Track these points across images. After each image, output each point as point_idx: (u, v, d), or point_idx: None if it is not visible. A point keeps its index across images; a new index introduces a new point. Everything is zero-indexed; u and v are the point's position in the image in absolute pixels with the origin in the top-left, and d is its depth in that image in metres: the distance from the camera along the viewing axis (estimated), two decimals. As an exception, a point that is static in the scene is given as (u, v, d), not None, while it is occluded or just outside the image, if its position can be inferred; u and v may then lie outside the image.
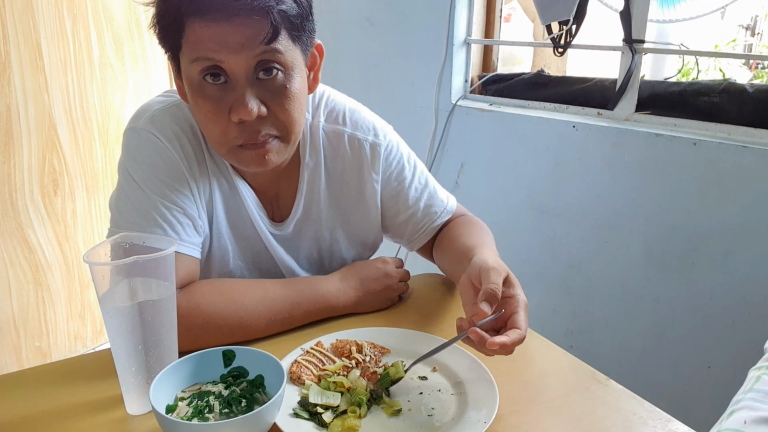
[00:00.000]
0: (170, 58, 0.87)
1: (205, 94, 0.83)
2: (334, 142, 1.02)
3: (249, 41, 0.78)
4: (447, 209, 1.10)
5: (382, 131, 1.05)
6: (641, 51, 1.70)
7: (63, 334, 2.30)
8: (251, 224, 0.99)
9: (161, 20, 0.82)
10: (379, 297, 1.02)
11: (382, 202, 1.07)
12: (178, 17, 0.79)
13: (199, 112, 0.85)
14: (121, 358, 0.73)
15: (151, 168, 0.90)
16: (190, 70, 0.82)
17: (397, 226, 1.09)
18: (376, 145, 1.03)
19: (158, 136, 0.90)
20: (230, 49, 0.78)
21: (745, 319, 1.50)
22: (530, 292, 2.13)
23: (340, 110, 1.03)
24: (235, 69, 0.80)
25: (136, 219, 0.88)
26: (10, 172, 2.03)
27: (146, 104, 0.96)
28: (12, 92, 1.99)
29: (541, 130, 1.87)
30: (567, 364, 0.89)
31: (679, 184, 1.57)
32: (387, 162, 1.04)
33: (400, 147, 1.07)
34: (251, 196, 0.98)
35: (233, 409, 0.71)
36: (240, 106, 0.81)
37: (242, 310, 0.90)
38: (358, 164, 1.03)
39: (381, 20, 2.35)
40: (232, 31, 0.77)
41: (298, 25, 0.82)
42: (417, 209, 1.07)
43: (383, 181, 1.05)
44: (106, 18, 2.25)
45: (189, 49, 0.81)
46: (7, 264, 2.07)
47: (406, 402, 0.78)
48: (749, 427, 0.53)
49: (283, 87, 0.84)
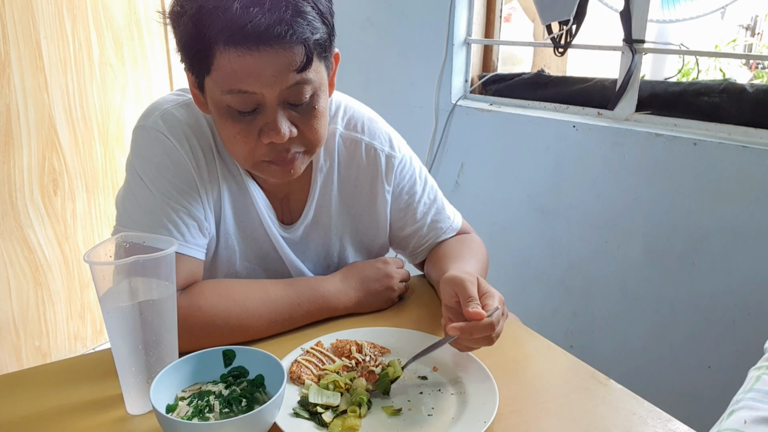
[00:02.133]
0: (188, 71, 0.85)
1: (234, 118, 0.82)
2: (350, 149, 1.02)
3: (282, 72, 0.77)
4: (452, 226, 1.11)
5: (397, 143, 1.06)
6: (641, 51, 1.70)
7: (63, 334, 2.30)
8: (260, 225, 0.99)
9: (190, 45, 0.79)
10: (380, 297, 1.02)
11: (391, 213, 1.08)
12: (210, 44, 0.76)
13: (225, 133, 0.85)
14: (121, 358, 0.73)
15: (159, 168, 0.89)
16: (221, 98, 0.80)
17: (402, 238, 1.10)
18: (391, 157, 1.04)
19: (167, 135, 0.90)
20: (265, 82, 0.77)
21: (745, 318, 1.50)
22: (530, 292, 2.12)
23: (359, 119, 1.04)
24: (269, 98, 0.80)
25: (142, 218, 0.88)
26: (10, 172, 2.03)
27: (157, 102, 0.95)
28: (12, 92, 1.99)
29: (541, 130, 1.87)
30: (567, 364, 0.89)
31: (679, 184, 1.57)
32: (400, 175, 1.05)
33: (413, 161, 1.09)
34: (261, 197, 0.98)
35: (233, 408, 0.71)
36: (272, 130, 0.81)
37: (243, 311, 0.90)
38: (372, 173, 1.03)
39: (381, 20, 2.35)
40: (267, 62, 0.76)
41: (327, 46, 0.82)
42: (423, 224, 1.08)
43: (394, 194, 1.06)
44: (106, 18, 2.25)
45: (222, 79, 0.78)
46: (7, 264, 2.07)
47: (406, 402, 0.78)
48: (749, 427, 0.53)
49: (311, 108, 0.84)
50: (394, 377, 0.79)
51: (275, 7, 0.74)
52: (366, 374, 0.80)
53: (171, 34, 0.82)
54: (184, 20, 0.78)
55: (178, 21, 0.79)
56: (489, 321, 0.78)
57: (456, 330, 0.77)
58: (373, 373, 0.80)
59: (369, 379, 0.80)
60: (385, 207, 1.06)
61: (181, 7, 0.78)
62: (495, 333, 0.79)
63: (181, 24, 0.79)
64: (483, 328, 0.77)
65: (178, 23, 0.79)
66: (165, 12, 0.82)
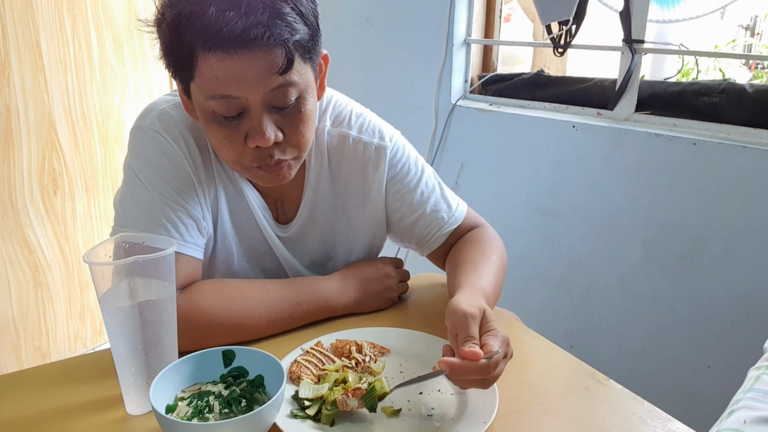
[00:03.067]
0: (178, 81, 0.84)
1: (220, 122, 0.81)
2: (338, 144, 1.01)
3: (264, 75, 0.77)
4: (456, 215, 1.06)
5: (388, 134, 1.03)
6: (641, 51, 1.70)
7: (63, 334, 2.30)
8: (256, 226, 0.99)
9: (172, 53, 0.79)
10: (379, 297, 1.02)
11: (387, 204, 1.05)
12: (190, 52, 0.76)
13: (213, 138, 0.84)
14: (120, 358, 0.73)
15: (156, 168, 0.89)
16: (206, 104, 0.80)
17: (404, 229, 1.06)
18: (381, 148, 1.02)
19: (165, 135, 0.90)
20: (247, 86, 0.77)
21: (744, 318, 1.50)
22: (530, 292, 2.12)
23: (346, 114, 1.02)
24: (253, 101, 0.79)
25: (140, 218, 0.88)
26: (10, 172, 2.03)
27: (154, 103, 0.95)
28: (11, 92, 1.99)
29: (541, 131, 1.87)
30: (567, 364, 0.89)
31: (678, 184, 1.57)
32: (392, 164, 1.03)
33: (407, 150, 1.05)
34: (256, 197, 0.98)
35: (233, 409, 0.71)
36: (257, 134, 0.80)
37: (243, 311, 0.90)
38: (363, 166, 1.02)
39: (381, 20, 2.35)
40: (248, 65, 0.75)
41: (310, 48, 0.81)
42: (423, 212, 1.04)
43: (388, 183, 1.03)
44: (105, 18, 2.25)
45: (204, 84, 0.78)
46: (7, 264, 2.07)
47: (406, 402, 0.78)
48: (749, 427, 0.53)
49: (298, 111, 0.83)
50: (381, 393, 0.75)
51: (252, 10, 0.73)
52: (352, 391, 0.76)
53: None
54: (163, 27, 0.78)
55: (159, 28, 0.80)
56: (483, 364, 0.70)
57: (445, 365, 0.71)
58: (359, 389, 0.76)
59: (355, 395, 0.76)
60: (380, 198, 1.04)
61: (161, 14, 0.78)
62: (492, 376, 0.72)
63: (161, 31, 0.79)
64: (475, 370, 0.70)
65: (159, 30, 0.80)
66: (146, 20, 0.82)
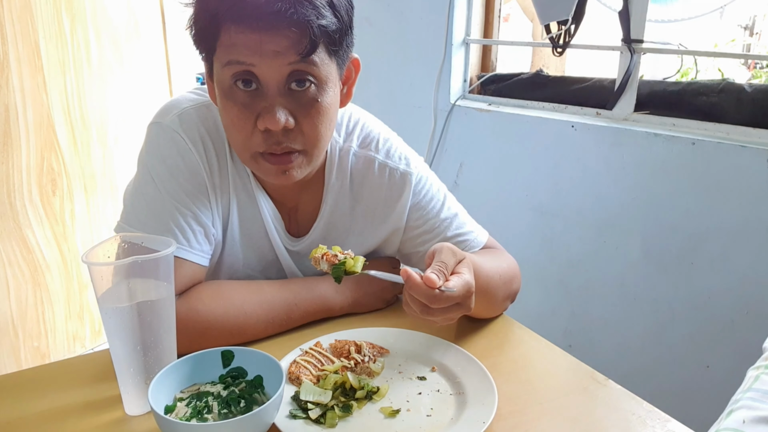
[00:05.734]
0: (204, 59, 0.85)
1: (234, 98, 0.81)
2: (363, 167, 0.99)
3: (284, 50, 0.77)
4: (477, 240, 1.05)
5: (414, 162, 1.02)
6: (640, 51, 1.70)
7: (61, 334, 2.29)
8: (265, 235, 0.98)
9: (197, 22, 0.81)
10: (376, 297, 1.02)
11: (407, 229, 1.02)
12: (214, 21, 0.78)
13: (226, 116, 0.84)
14: (119, 359, 0.73)
15: (171, 169, 0.89)
16: (222, 73, 0.81)
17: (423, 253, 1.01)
18: (407, 174, 1.00)
19: (183, 136, 0.89)
20: (264, 56, 0.77)
21: (743, 318, 1.50)
22: (529, 291, 2.13)
23: (374, 137, 1.01)
24: (267, 76, 0.79)
25: (149, 220, 0.88)
26: (9, 172, 2.02)
27: (176, 100, 0.94)
28: (10, 92, 1.98)
29: (540, 130, 1.87)
30: (566, 364, 0.89)
31: (677, 184, 1.57)
32: (416, 191, 1.01)
33: (430, 179, 1.04)
34: (270, 207, 0.97)
35: (232, 409, 0.71)
36: (268, 114, 0.80)
37: (241, 314, 0.89)
38: (387, 192, 1.00)
39: (380, 20, 2.35)
40: (268, 40, 0.76)
41: (337, 40, 0.80)
42: (444, 238, 1.01)
43: (410, 209, 1.01)
44: (104, 18, 2.25)
45: (222, 53, 0.79)
46: (6, 264, 2.07)
47: (404, 402, 0.78)
48: (748, 427, 0.53)
49: (314, 101, 0.82)
50: (350, 269, 0.76)
51: None
52: (328, 258, 0.78)
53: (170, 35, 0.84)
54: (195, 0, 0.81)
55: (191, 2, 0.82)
56: (433, 293, 0.72)
57: (405, 274, 0.72)
58: (335, 256, 0.78)
59: (329, 261, 0.78)
60: (400, 227, 1.02)
61: None
62: (436, 309, 0.73)
63: (193, 4, 0.81)
64: (424, 293, 0.72)
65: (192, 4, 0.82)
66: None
